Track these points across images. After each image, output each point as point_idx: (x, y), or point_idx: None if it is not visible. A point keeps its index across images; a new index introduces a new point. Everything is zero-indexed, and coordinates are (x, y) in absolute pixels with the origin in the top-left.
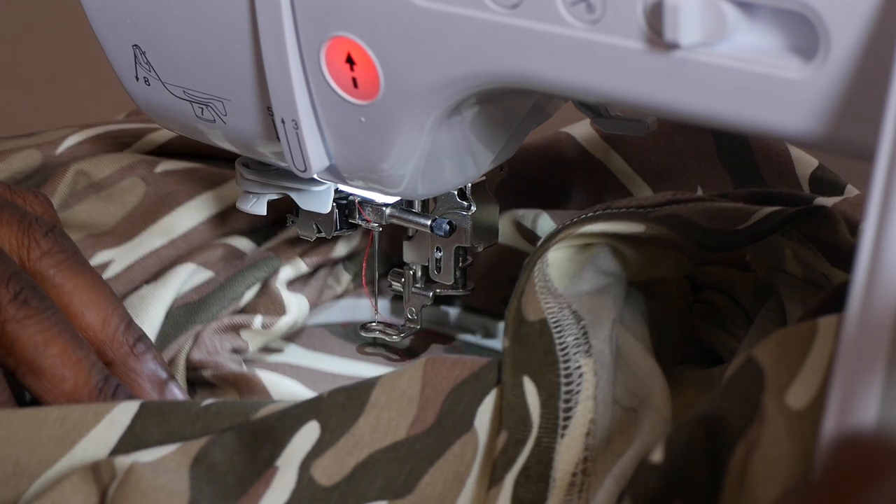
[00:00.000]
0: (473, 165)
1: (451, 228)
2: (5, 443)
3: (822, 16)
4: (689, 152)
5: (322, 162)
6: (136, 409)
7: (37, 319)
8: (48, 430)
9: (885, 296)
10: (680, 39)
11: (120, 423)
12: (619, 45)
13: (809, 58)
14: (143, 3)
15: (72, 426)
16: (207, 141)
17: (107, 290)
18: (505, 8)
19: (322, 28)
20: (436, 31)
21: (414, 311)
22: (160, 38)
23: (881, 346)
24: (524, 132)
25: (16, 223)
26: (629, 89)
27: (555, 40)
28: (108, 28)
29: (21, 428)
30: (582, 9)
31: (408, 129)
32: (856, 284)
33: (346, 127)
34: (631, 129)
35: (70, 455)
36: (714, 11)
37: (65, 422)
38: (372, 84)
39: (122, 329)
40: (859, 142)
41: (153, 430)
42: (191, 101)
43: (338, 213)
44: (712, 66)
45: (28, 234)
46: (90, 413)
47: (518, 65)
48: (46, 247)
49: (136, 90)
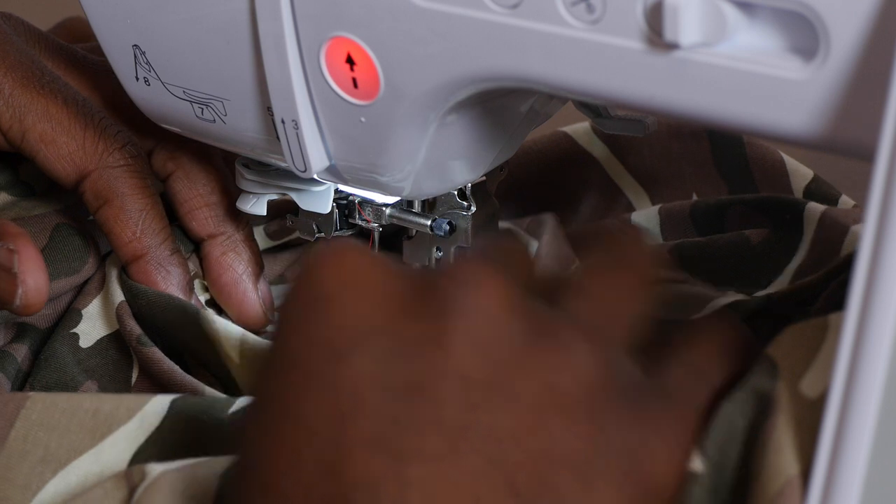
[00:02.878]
0: (473, 165)
1: (451, 228)
2: (38, 426)
3: (822, 16)
4: (685, 159)
5: (322, 162)
6: (166, 409)
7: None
8: (80, 418)
9: (885, 296)
10: (680, 39)
11: (149, 422)
12: (619, 46)
13: (809, 58)
14: (143, 3)
15: (103, 419)
16: (208, 141)
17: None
18: (505, 8)
19: (322, 28)
20: (436, 31)
21: None
22: (160, 38)
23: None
24: (524, 132)
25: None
26: (629, 89)
27: (555, 40)
28: (108, 28)
29: (55, 413)
30: (582, 9)
31: (408, 129)
32: (856, 284)
33: (346, 127)
34: (631, 129)
35: (98, 448)
36: (714, 11)
37: (97, 413)
38: (372, 84)
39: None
40: (859, 142)
41: (179, 434)
42: (191, 101)
43: (338, 213)
44: (712, 66)
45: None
46: (122, 408)
47: (518, 65)
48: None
49: (135, 90)
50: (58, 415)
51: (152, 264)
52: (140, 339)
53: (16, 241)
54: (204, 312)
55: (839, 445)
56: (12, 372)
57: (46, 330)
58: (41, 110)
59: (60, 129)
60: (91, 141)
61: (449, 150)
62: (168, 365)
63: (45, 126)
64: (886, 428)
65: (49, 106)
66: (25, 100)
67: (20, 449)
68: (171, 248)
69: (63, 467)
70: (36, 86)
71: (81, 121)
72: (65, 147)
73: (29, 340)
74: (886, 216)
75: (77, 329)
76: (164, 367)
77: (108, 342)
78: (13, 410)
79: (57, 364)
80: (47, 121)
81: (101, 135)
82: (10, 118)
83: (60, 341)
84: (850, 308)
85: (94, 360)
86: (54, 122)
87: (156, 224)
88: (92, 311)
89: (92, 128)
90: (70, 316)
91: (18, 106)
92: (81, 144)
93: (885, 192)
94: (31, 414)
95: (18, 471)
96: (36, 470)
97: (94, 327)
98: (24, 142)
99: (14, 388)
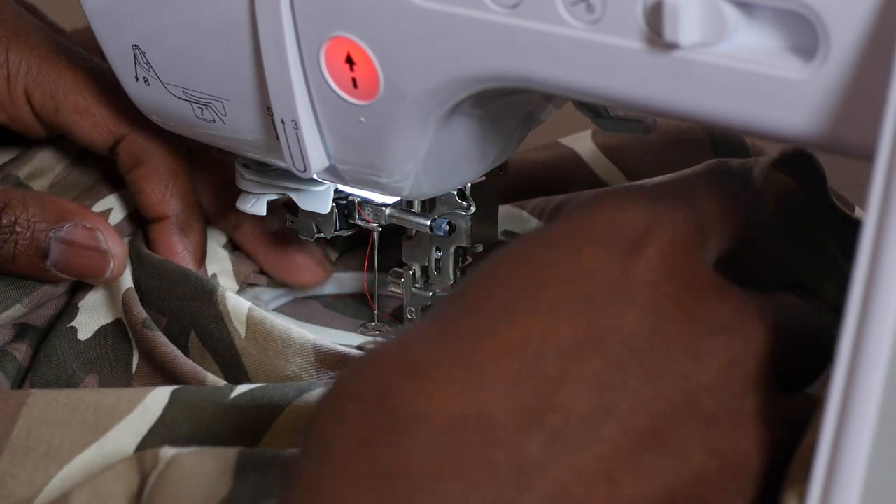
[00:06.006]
0: (473, 166)
1: (451, 228)
2: (41, 422)
3: (822, 16)
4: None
5: (322, 162)
6: (167, 399)
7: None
8: (82, 413)
9: (885, 296)
10: (680, 39)
11: (151, 413)
12: (619, 45)
13: (809, 58)
14: (143, 3)
15: (105, 412)
16: (208, 141)
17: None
18: (505, 8)
19: (322, 28)
20: (436, 31)
21: (414, 312)
22: (160, 39)
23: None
24: (524, 132)
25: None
26: (629, 89)
27: (555, 40)
28: (108, 28)
29: (57, 409)
30: (582, 9)
31: (408, 129)
32: (856, 285)
33: (346, 127)
34: (631, 129)
35: (101, 442)
36: (714, 11)
37: (99, 407)
38: (372, 84)
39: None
40: (859, 142)
41: (183, 422)
42: (191, 102)
43: (337, 213)
44: (712, 66)
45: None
46: (123, 401)
47: (518, 65)
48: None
49: (135, 90)
50: (60, 410)
51: (174, 226)
52: (146, 323)
53: (87, 218)
54: (214, 285)
55: (839, 445)
56: (12, 371)
57: (46, 330)
58: (70, 83)
59: (92, 98)
60: (123, 105)
61: (449, 151)
62: (172, 349)
63: (77, 98)
64: (886, 428)
65: (77, 78)
66: (53, 75)
67: (23, 446)
68: (195, 214)
69: (67, 462)
70: (62, 59)
71: (111, 88)
72: (99, 115)
73: (29, 340)
74: (886, 216)
75: (74, 322)
76: (168, 351)
77: (108, 330)
78: (15, 408)
79: (56, 360)
80: (78, 92)
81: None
82: (41, 95)
83: (59, 337)
84: (850, 308)
85: (93, 351)
86: (85, 92)
87: (184, 187)
88: (89, 303)
89: (122, 92)
90: (67, 311)
91: (47, 82)
92: (114, 110)
93: (885, 192)
94: (32, 410)
95: (23, 467)
96: (40, 466)
97: (91, 318)
98: (58, 115)
99: (14, 386)
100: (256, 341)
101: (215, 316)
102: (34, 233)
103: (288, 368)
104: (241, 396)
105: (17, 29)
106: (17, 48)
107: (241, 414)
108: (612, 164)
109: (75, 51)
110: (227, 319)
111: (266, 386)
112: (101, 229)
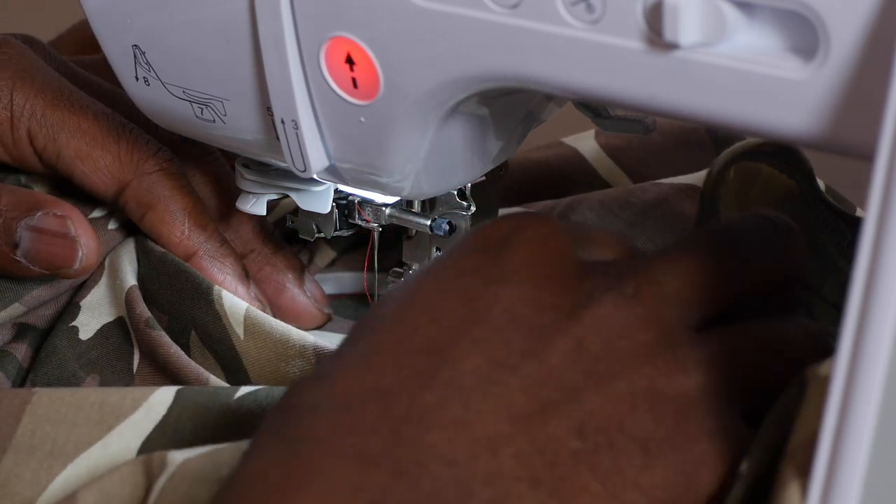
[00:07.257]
0: (473, 165)
1: (451, 228)
2: (45, 421)
3: (822, 16)
4: (692, 169)
5: (322, 162)
6: (172, 398)
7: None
8: (86, 412)
9: (885, 296)
10: (680, 39)
11: (156, 412)
12: (619, 45)
13: (809, 58)
14: (143, 3)
15: (109, 411)
16: (208, 141)
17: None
18: (505, 8)
19: (322, 28)
20: (436, 31)
21: None
22: (160, 39)
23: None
24: (525, 132)
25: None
26: (629, 89)
27: (555, 40)
28: (107, 28)
29: (61, 407)
30: (582, 9)
31: (408, 129)
32: (856, 285)
33: (346, 127)
34: (631, 129)
35: (105, 440)
36: (714, 11)
37: (103, 406)
38: (372, 84)
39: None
40: (859, 142)
41: (187, 421)
42: (191, 102)
43: (337, 213)
44: (712, 66)
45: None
46: (128, 399)
47: (518, 65)
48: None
49: (135, 90)
50: (64, 409)
51: (206, 259)
52: (149, 323)
53: (59, 207)
54: (210, 283)
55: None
56: (13, 371)
57: (46, 330)
58: (73, 127)
59: (94, 144)
60: (126, 151)
61: (449, 151)
62: (175, 350)
63: (80, 143)
64: (886, 427)
65: (81, 122)
66: (57, 119)
67: (28, 444)
68: (219, 240)
69: (71, 460)
70: (66, 104)
71: (114, 133)
72: (101, 160)
73: (29, 340)
74: (886, 216)
75: (76, 322)
76: (171, 352)
77: (109, 329)
78: (19, 406)
79: (57, 360)
80: (80, 137)
81: (133, 144)
82: (43, 138)
83: (60, 336)
84: (850, 308)
85: (94, 351)
86: (88, 137)
87: (201, 220)
88: (91, 301)
89: (125, 139)
90: (69, 310)
91: (51, 125)
92: (117, 156)
93: (885, 192)
94: (37, 409)
95: (27, 466)
96: (44, 464)
97: (93, 317)
98: (59, 160)
99: (14, 386)
100: (256, 343)
101: (213, 316)
102: (5, 221)
103: (289, 370)
104: (245, 398)
105: (22, 71)
106: (22, 90)
107: (246, 415)
108: (615, 164)
109: (80, 95)
110: (224, 320)
111: (269, 388)
112: (72, 218)
